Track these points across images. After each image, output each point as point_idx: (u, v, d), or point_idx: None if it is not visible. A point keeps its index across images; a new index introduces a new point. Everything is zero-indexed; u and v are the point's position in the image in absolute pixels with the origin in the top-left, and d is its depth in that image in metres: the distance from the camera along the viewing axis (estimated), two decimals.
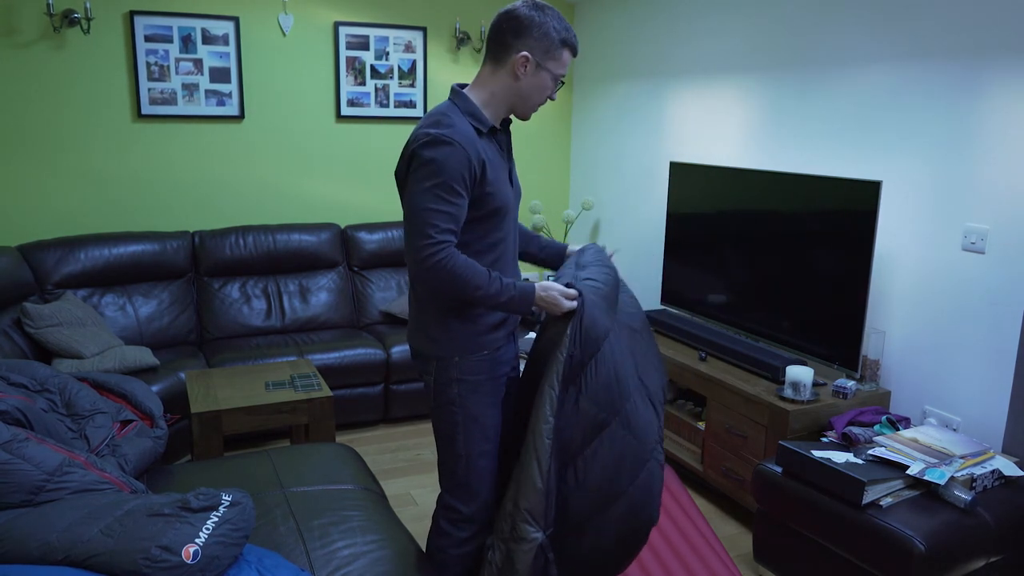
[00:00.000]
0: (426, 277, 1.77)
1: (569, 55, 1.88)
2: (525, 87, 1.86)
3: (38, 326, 3.27)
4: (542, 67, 1.84)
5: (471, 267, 1.77)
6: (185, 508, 1.54)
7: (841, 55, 3.09)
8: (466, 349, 1.91)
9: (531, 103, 1.90)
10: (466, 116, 1.83)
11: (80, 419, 2.26)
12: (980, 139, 2.61)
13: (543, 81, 1.86)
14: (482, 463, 1.97)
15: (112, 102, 3.96)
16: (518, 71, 1.84)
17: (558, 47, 1.84)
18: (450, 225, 1.76)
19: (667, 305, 3.80)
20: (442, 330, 1.91)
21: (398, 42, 4.50)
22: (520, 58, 1.82)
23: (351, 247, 4.38)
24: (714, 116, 3.80)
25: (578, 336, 1.81)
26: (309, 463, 2.41)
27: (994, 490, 2.29)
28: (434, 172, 1.74)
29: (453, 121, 1.79)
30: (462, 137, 1.76)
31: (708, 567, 2.61)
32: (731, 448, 2.99)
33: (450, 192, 1.75)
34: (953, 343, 2.73)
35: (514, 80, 1.85)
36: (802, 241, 3.01)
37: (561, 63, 1.87)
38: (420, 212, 1.75)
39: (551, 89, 1.89)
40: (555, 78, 1.87)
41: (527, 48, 1.82)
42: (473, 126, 1.82)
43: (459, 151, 1.75)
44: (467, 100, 1.86)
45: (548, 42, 1.82)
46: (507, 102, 1.89)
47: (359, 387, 3.82)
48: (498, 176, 1.87)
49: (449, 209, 1.75)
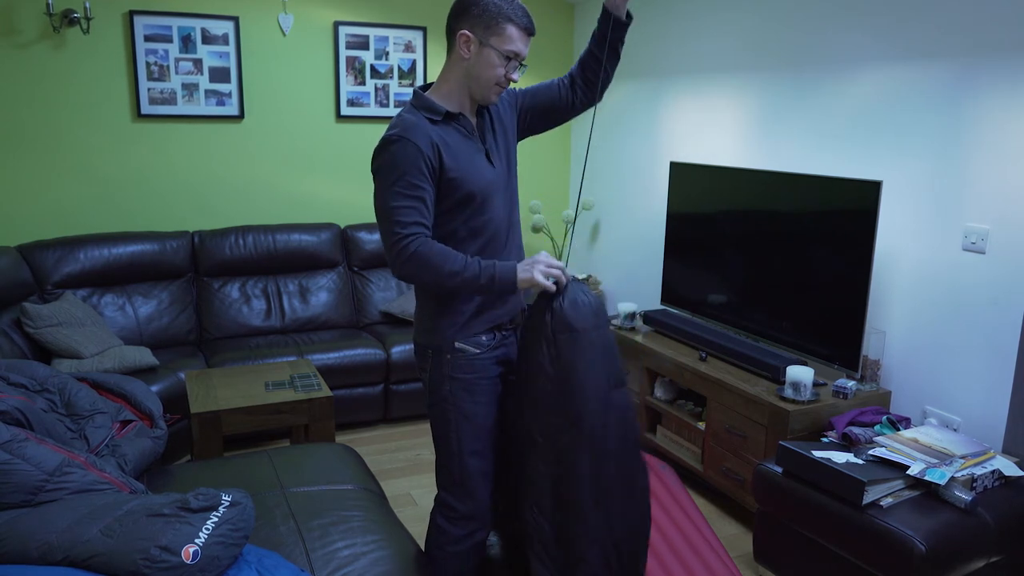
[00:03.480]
0: (404, 272, 1.79)
1: (515, 30, 1.82)
2: (473, 67, 1.84)
3: (38, 326, 3.27)
4: (485, 44, 1.82)
5: (445, 253, 1.78)
6: (185, 508, 1.54)
7: (842, 55, 3.09)
8: (456, 336, 1.91)
9: (483, 83, 1.86)
10: (420, 111, 1.85)
11: (80, 419, 2.26)
12: (980, 139, 2.60)
13: (489, 58, 1.83)
14: (475, 462, 1.97)
15: (112, 102, 3.95)
16: (463, 51, 1.84)
17: (500, 22, 1.80)
18: (415, 217, 1.77)
19: (667, 305, 3.80)
20: (434, 318, 1.93)
21: (398, 42, 4.50)
22: (461, 36, 1.83)
23: (351, 247, 4.38)
24: (714, 116, 3.80)
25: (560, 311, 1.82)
26: (309, 463, 2.41)
27: (994, 490, 2.29)
28: (388, 172, 1.78)
29: (402, 119, 1.83)
30: (409, 131, 1.78)
31: (708, 567, 2.61)
32: (731, 448, 2.99)
33: (408, 186, 1.77)
34: (953, 343, 2.73)
35: (462, 61, 1.85)
36: (802, 241, 3.01)
37: (505, 38, 1.81)
38: (385, 212, 1.78)
39: (502, 67, 1.84)
40: (503, 55, 1.83)
41: (467, 26, 1.82)
42: (427, 118, 1.83)
43: (407, 145, 1.77)
44: (420, 96, 1.88)
45: (488, 17, 1.80)
46: (464, 86, 1.88)
47: (359, 387, 3.82)
48: (464, 160, 1.86)
49: (411, 203, 1.77)
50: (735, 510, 3.15)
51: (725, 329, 3.43)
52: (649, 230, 4.35)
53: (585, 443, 1.84)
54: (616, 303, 4.66)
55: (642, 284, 4.45)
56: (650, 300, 4.34)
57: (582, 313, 1.83)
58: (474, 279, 1.79)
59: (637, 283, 4.49)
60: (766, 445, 2.80)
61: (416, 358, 2.03)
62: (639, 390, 3.54)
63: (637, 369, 3.55)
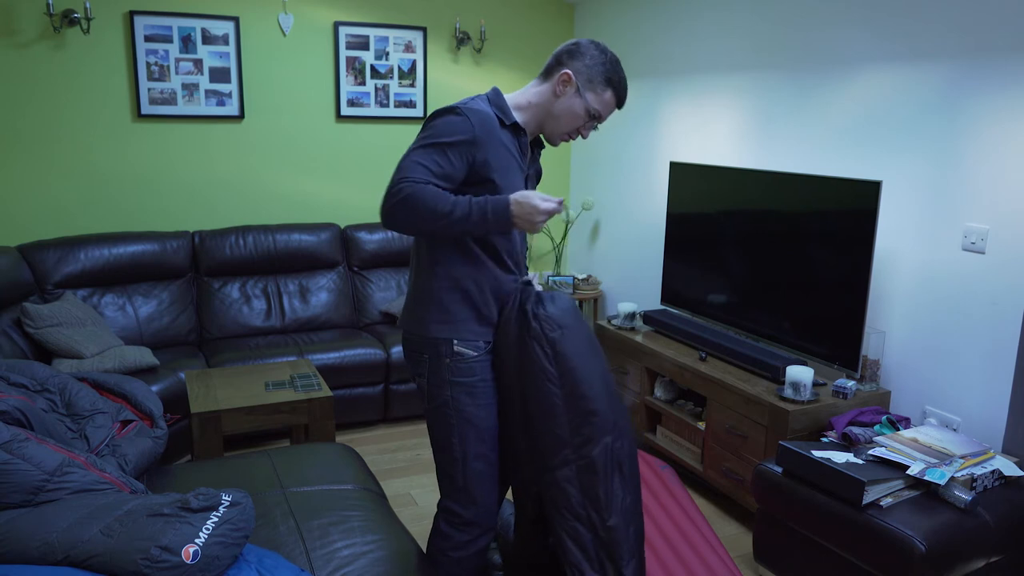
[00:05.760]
0: (394, 217, 1.74)
1: (612, 97, 1.91)
2: (559, 106, 1.90)
3: (38, 326, 3.27)
4: (581, 93, 1.89)
5: (436, 195, 1.73)
6: (185, 508, 1.54)
7: (842, 55, 3.09)
8: (458, 334, 1.90)
9: (560, 126, 1.93)
10: (492, 106, 1.88)
11: (80, 419, 2.26)
12: (980, 139, 2.60)
13: (577, 107, 1.90)
14: (479, 466, 1.96)
15: (112, 102, 3.96)
16: (557, 88, 1.90)
17: (602, 83, 1.89)
18: (428, 177, 1.74)
19: (667, 305, 3.80)
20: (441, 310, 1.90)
21: (398, 42, 4.50)
22: (563, 74, 1.88)
23: (351, 247, 4.38)
24: (714, 116, 3.80)
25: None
26: (309, 463, 2.41)
27: (994, 490, 2.29)
28: (432, 134, 1.78)
29: (475, 103, 1.85)
30: (475, 114, 1.79)
31: (708, 567, 2.61)
32: (731, 448, 2.99)
33: (440, 153, 1.76)
34: (953, 343, 2.73)
35: (553, 96, 1.91)
36: (802, 241, 3.01)
37: (600, 99, 1.90)
38: (402, 162, 1.76)
39: (583, 120, 1.92)
40: (589, 111, 1.91)
41: (574, 69, 1.88)
42: (496, 115, 1.86)
43: (464, 121, 1.77)
44: (499, 95, 1.92)
45: (595, 73, 1.88)
46: (540, 115, 1.93)
47: (359, 387, 3.82)
48: (509, 170, 1.87)
49: (433, 166, 1.75)
50: (735, 510, 3.15)
51: (725, 329, 3.43)
52: (649, 230, 4.35)
53: (601, 426, 1.87)
54: (616, 303, 4.66)
55: (642, 284, 4.45)
56: (650, 300, 4.34)
57: (564, 310, 1.89)
58: (465, 217, 1.75)
59: (637, 283, 4.50)
60: (766, 445, 2.80)
61: (409, 362, 1.99)
62: (639, 390, 3.54)
63: (637, 369, 3.55)
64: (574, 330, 1.88)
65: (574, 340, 1.87)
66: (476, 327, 1.92)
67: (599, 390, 1.88)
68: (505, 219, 1.77)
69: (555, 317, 1.86)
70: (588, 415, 1.86)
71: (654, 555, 2.66)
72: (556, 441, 1.89)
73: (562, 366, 1.86)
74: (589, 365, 1.88)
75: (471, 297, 1.90)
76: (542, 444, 1.92)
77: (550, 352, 1.85)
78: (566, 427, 1.88)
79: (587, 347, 1.90)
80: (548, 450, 1.91)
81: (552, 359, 1.85)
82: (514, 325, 1.90)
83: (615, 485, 1.90)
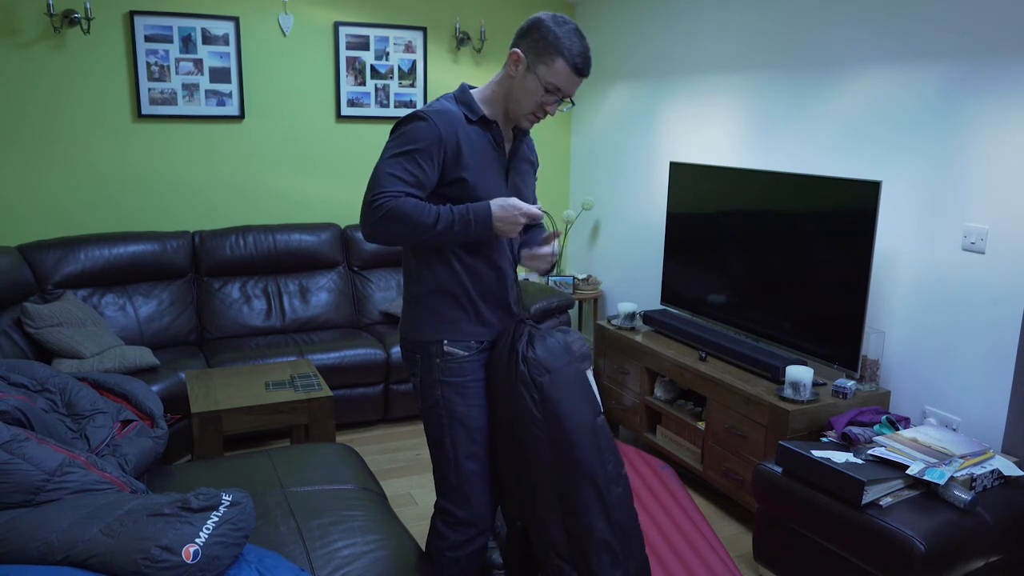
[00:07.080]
0: (378, 231, 1.75)
1: (564, 66, 1.81)
2: (516, 87, 1.86)
3: (38, 326, 3.27)
4: (532, 69, 1.83)
5: (419, 207, 1.75)
6: (185, 508, 1.54)
7: (842, 55, 3.09)
8: (447, 334, 1.91)
9: (521, 107, 1.88)
10: (458, 104, 1.87)
11: (80, 419, 2.27)
12: (980, 139, 2.61)
13: (531, 84, 1.84)
14: (471, 465, 1.97)
15: (112, 102, 3.96)
16: (511, 70, 1.86)
17: (551, 53, 1.80)
18: (404, 188, 1.75)
19: (667, 305, 3.80)
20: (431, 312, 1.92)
21: (398, 42, 4.50)
22: (512, 54, 1.85)
23: (351, 247, 4.38)
24: (714, 116, 3.80)
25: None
26: (309, 463, 2.41)
27: (994, 490, 2.29)
28: (400, 142, 1.78)
29: (439, 103, 1.85)
30: (439, 115, 1.79)
31: (708, 567, 2.61)
32: (731, 448, 2.99)
33: (411, 161, 1.76)
34: (953, 343, 2.73)
35: (509, 79, 1.87)
36: (802, 241, 3.01)
37: (552, 70, 1.81)
38: (376, 175, 1.76)
39: (540, 95, 1.85)
40: (545, 85, 1.83)
41: (522, 47, 1.84)
42: (463, 113, 1.85)
43: (430, 125, 1.77)
44: (465, 91, 1.90)
45: (543, 45, 1.81)
46: (502, 100, 1.90)
47: (359, 387, 3.82)
48: (481, 165, 1.86)
49: (406, 176, 1.75)
50: (735, 510, 3.15)
51: (725, 329, 3.43)
52: (649, 230, 4.36)
53: (586, 475, 1.86)
54: (616, 303, 4.66)
55: (642, 284, 4.45)
56: (650, 300, 4.34)
57: (554, 353, 1.88)
58: (449, 226, 1.77)
59: (637, 283, 4.50)
60: (766, 445, 2.80)
61: (405, 361, 2.03)
62: (639, 390, 3.55)
63: (637, 369, 3.55)
64: (562, 374, 1.87)
65: (561, 385, 1.86)
66: (466, 327, 1.93)
67: (585, 437, 1.86)
68: (487, 227, 1.79)
69: (543, 360, 1.85)
70: (573, 464, 1.85)
71: (654, 555, 2.66)
72: (541, 485, 1.90)
73: (548, 411, 1.85)
74: (577, 411, 1.86)
75: (458, 299, 1.92)
76: (527, 484, 1.93)
77: (536, 396, 1.85)
78: (550, 472, 1.88)
79: (576, 392, 1.88)
80: (534, 489, 1.91)
81: (539, 403, 1.85)
82: (504, 364, 1.90)
83: (602, 533, 1.87)
